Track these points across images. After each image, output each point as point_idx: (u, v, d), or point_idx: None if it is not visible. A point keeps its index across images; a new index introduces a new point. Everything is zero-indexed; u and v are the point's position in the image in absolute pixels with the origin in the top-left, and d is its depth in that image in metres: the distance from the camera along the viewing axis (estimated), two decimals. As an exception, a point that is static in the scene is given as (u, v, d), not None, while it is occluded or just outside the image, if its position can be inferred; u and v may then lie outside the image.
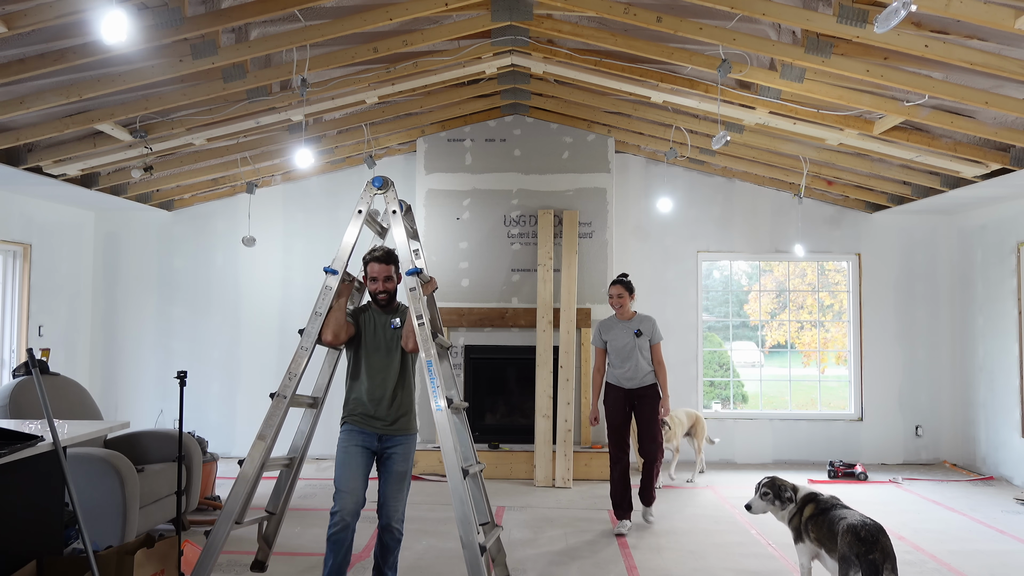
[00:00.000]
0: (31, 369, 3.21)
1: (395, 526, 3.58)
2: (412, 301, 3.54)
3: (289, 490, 3.77)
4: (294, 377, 3.57)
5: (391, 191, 3.72)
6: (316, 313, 3.62)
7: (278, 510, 3.74)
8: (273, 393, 3.58)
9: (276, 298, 7.83)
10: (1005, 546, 4.94)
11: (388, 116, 6.68)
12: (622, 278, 5.43)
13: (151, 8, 4.10)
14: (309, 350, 3.60)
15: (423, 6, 4.58)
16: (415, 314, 3.52)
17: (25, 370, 4.70)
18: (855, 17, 3.99)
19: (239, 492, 3.47)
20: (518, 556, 4.62)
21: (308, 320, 3.64)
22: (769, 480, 3.78)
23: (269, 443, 3.53)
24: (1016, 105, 4.55)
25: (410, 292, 3.57)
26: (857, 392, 7.81)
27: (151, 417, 7.68)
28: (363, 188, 3.73)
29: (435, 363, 3.50)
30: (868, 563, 3.10)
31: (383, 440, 3.60)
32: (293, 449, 3.79)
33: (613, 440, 5.26)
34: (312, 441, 3.83)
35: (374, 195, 3.71)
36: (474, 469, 3.75)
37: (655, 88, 5.70)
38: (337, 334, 3.60)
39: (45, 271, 7.20)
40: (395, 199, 3.72)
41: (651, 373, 5.25)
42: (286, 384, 3.57)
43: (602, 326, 5.44)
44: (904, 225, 7.82)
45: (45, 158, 5.72)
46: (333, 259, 3.68)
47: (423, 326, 3.51)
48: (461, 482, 3.38)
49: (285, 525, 5.21)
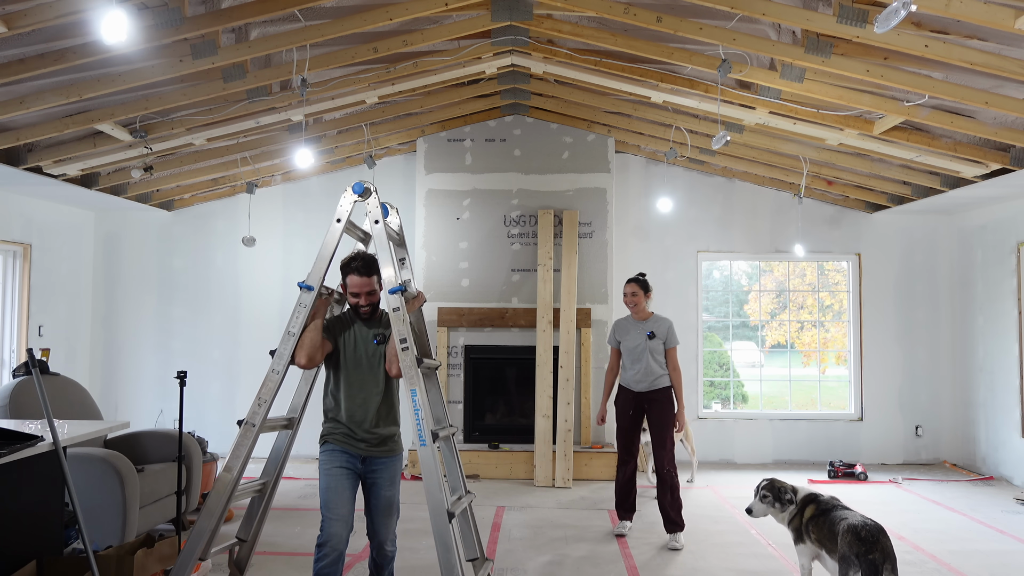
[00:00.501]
0: (31, 369, 3.21)
1: (388, 548, 3.40)
2: (395, 323, 3.24)
3: (262, 516, 3.55)
4: (264, 403, 3.28)
5: (373, 199, 3.39)
6: (289, 333, 3.32)
7: (250, 537, 3.53)
8: (241, 420, 3.31)
9: (276, 298, 7.83)
10: (1005, 546, 4.94)
11: (388, 116, 6.68)
12: (638, 276, 5.24)
13: (151, 8, 4.10)
14: (281, 373, 3.30)
15: (423, 6, 4.58)
16: (398, 337, 3.24)
17: (25, 370, 4.70)
18: (855, 17, 3.99)
19: (203, 528, 3.20)
20: (518, 556, 4.62)
21: (280, 340, 3.34)
22: (768, 482, 3.75)
23: (236, 475, 3.24)
24: (1016, 105, 4.55)
25: (393, 313, 3.25)
26: (857, 392, 7.81)
27: (151, 417, 7.68)
28: (342, 195, 3.45)
29: (420, 392, 3.21)
30: (868, 563, 3.10)
31: (367, 463, 3.33)
32: (266, 473, 3.54)
33: (620, 443, 5.15)
34: (288, 463, 3.58)
35: (354, 203, 3.43)
36: (463, 504, 3.51)
37: (655, 88, 5.70)
38: (312, 357, 3.26)
39: (45, 271, 7.20)
40: (377, 207, 3.38)
41: (663, 377, 5.04)
42: (255, 411, 3.28)
43: (617, 326, 5.29)
44: (904, 225, 7.82)
45: (45, 158, 5.72)
46: (308, 273, 3.39)
47: (407, 350, 3.22)
48: (446, 526, 3.12)
49: (285, 524, 5.22)
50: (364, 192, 3.40)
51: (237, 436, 3.29)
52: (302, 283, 3.37)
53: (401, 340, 3.23)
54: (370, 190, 3.41)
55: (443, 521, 3.12)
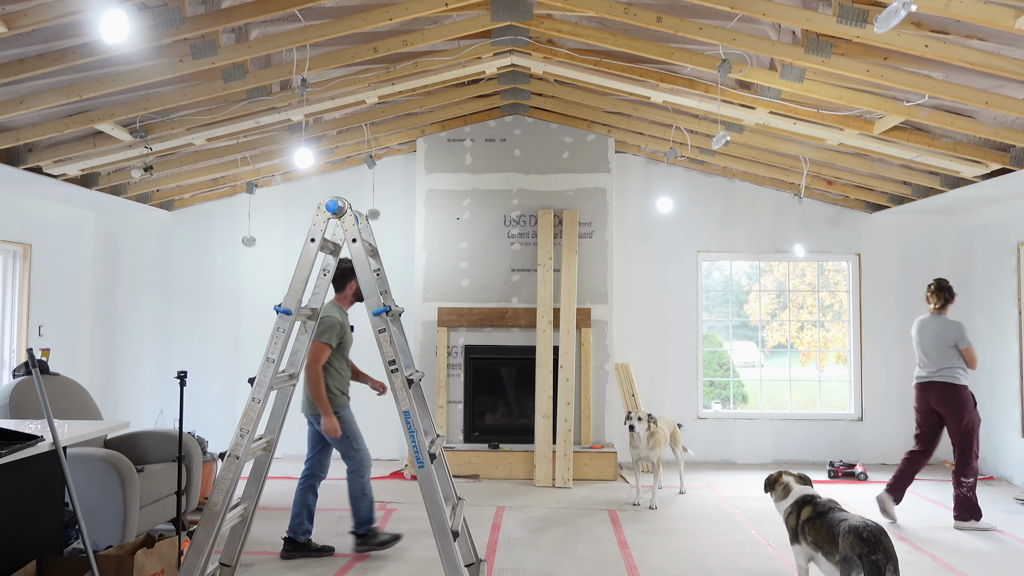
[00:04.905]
0: (31, 369, 3.21)
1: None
2: (383, 345, 3.18)
3: (244, 539, 3.52)
4: (246, 434, 3.18)
5: (348, 216, 3.27)
6: (268, 360, 3.22)
7: (233, 561, 3.49)
8: (223, 453, 3.23)
9: (276, 298, 7.82)
10: (1005, 546, 4.94)
11: (388, 116, 6.68)
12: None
13: (151, 8, 4.10)
14: (262, 402, 3.19)
15: (423, 6, 4.58)
16: (386, 359, 3.17)
17: (25, 370, 4.70)
18: (855, 17, 3.99)
19: (192, 566, 3.09)
20: (518, 556, 4.62)
21: (259, 367, 3.24)
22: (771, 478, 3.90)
23: (221, 510, 3.14)
24: (1016, 105, 4.55)
25: (379, 335, 3.19)
26: (857, 392, 7.81)
27: (151, 417, 7.68)
28: (315, 213, 3.30)
29: (413, 415, 3.19)
30: (871, 564, 3.10)
31: None
32: (246, 497, 3.47)
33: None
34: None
35: (328, 220, 3.30)
36: (460, 514, 3.52)
37: (655, 88, 5.70)
38: None
39: (45, 271, 7.20)
40: (354, 225, 3.28)
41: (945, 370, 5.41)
42: (237, 443, 3.18)
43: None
44: (904, 225, 7.83)
45: (45, 158, 5.72)
46: (285, 296, 3.29)
47: (397, 372, 3.16)
48: (452, 546, 3.12)
49: (285, 524, 5.21)
50: (339, 211, 3.28)
51: (221, 468, 3.20)
52: (279, 307, 3.26)
53: (390, 362, 3.18)
54: (344, 208, 3.29)
55: (448, 542, 3.17)
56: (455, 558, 3.15)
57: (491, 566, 4.42)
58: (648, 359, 7.76)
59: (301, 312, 3.39)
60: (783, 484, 3.85)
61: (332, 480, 6.61)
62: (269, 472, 3.44)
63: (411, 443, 3.18)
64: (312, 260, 3.30)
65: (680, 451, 6.38)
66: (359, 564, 4.42)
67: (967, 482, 5.30)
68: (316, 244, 3.29)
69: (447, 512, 3.25)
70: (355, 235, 3.29)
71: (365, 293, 3.32)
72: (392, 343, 3.21)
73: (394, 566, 4.39)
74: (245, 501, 3.49)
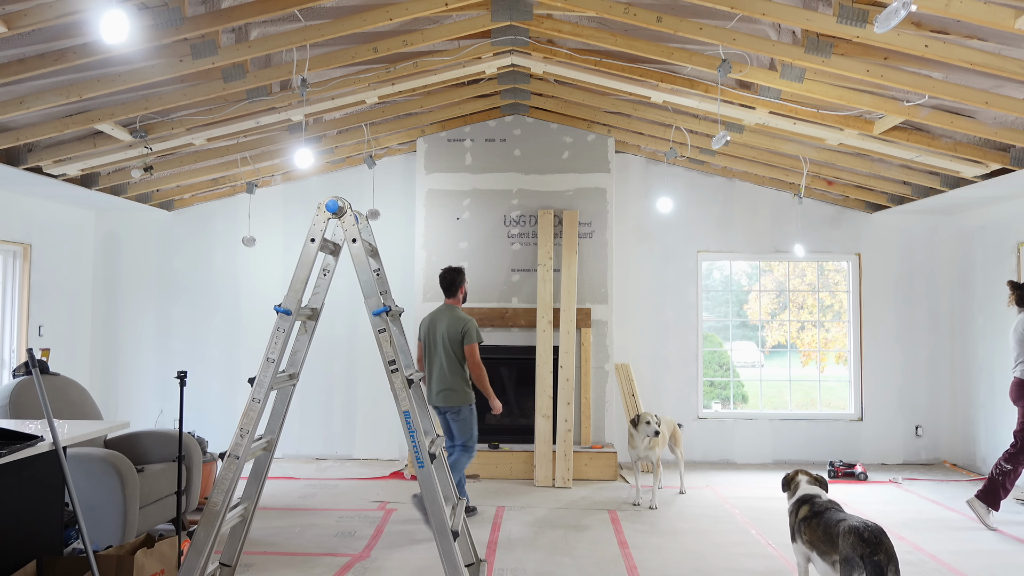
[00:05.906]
0: (31, 369, 3.21)
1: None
2: (382, 344, 3.17)
3: (244, 539, 3.53)
4: (246, 434, 3.18)
5: (348, 216, 3.27)
6: (268, 360, 3.22)
7: (233, 561, 3.50)
8: (223, 453, 3.22)
9: (276, 298, 7.82)
10: (1005, 546, 4.95)
11: (388, 116, 6.68)
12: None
13: (151, 8, 4.10)
14: (262, 402, 3.18)
15: (423, 6, 4.58)
16: (386, 359, 3.18)
17: (25, 370, 4.70)
18: (855, 17, 3.99)
19: (192, 565, 3.07)
20: (518, 556, 4.62)
21: (259, 368, 3.22)
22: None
23: (221, 510, 3.14)
24: (1016, 105, 4.55)
25: (379, 335, 3.19)
26: (857, 392, 7.81)
27: (151, 417, 7.68)
28: (315, 213, 3.29)
29: (413, 415, 3.19)
30: (873, 564, 3.10)
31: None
32: (246, 497, 3.46)
33: None
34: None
35: (328, 220, 3.30)
36: (459, 513, 3.53)
37: (655, 88, 5.70)
38: None
39: (45, 271, 7.20)
40: (354, 225, 3.29)
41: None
42: (237, 443, 3.18)
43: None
44: (904, 225, 7.83)
45: (45, 158, 5.72)
46: (285, 296, 3.27)
47: (396, 372, 3.16)
48: (452, 546, 3.13)
49: (285, 524, 5.22)
50: (339, 211, 3.28)
51: (221, 468, 3.20)
52: (279, 307, 3.26)
53: (390, 362, 3.18)
54: (344, 208, 3.29)
55: (448, 542, 3.19)
56: (455, 558, 3.16)
57: (491, 566, 4.42)
58: (648, 359, 7.76)
59: (301, 312, 3.39)
60: (796, 483, 3.91)
61: (332, 480, 6.61)
62: (269, 472, 3.45)
63: (411, 443, 3.20)
64: (312, 260, 3.30)
65: (680, 451, 6.38)
66: (359, 564, 4.43)
67: (1006, 467, 5.37)
68: (316, 244, 3.29)
69: (447, 512, 3.26)
70: (355, 235, 3.29)
71: (365, 293, 3.33)
72: (392, 343, 3.22)
73: (394, 566, 4.39)
74: (245, 501, 3.50)
